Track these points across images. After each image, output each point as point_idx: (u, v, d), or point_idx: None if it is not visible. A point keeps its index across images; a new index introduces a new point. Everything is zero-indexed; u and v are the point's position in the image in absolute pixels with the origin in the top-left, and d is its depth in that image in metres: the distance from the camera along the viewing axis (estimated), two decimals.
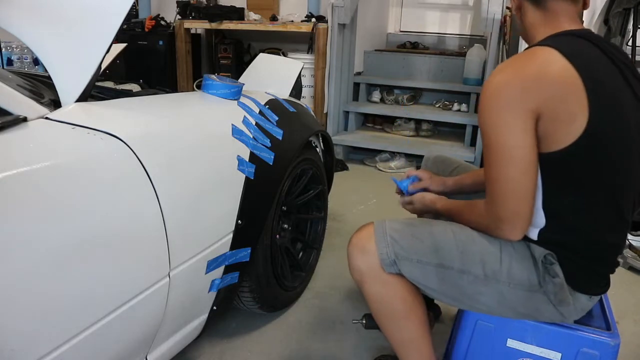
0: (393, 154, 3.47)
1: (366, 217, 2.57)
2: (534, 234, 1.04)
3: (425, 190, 1.36)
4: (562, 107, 0.91)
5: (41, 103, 0.97)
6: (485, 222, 1.04)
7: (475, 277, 1.06)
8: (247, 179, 1.27)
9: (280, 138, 1.44)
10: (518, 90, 0.91)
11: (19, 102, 0.90)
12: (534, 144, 0.93)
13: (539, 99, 0.90)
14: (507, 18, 3.00)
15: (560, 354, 1.10)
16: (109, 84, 1.71)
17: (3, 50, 3.43)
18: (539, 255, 1.03)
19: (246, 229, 1.29)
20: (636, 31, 2.41)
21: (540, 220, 1.02)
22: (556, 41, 0.96)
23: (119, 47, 2.10)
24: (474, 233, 1.08)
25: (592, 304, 1.08)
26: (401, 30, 4.70)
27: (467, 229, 1.10)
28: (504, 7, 2.94)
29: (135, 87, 1.69)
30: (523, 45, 2.70)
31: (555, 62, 0.91)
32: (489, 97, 0.94)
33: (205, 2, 3.94)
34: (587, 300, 1.06)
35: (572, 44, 0.95)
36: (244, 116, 1.35)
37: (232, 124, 1.28)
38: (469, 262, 1.05)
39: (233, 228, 1.25)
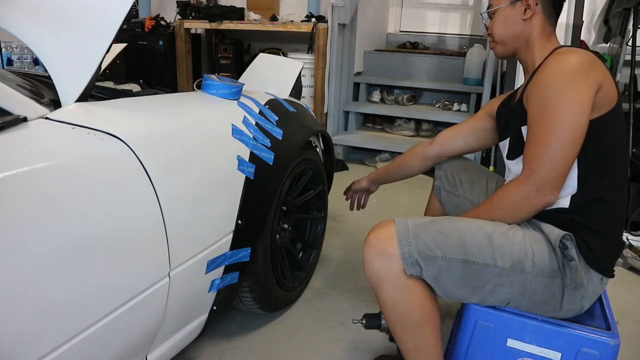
0: (393, 154, 3.47)
1: (366, 217, 2.56)
2: (565, 202, 1.10)
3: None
4: (610, 84, 1.08)
5: (41, 103, 0.97)
6: (525, 190, 1.07)
7: (501, 270, 1.07)
8: (247, 179, 1.27)
9: (280, 138, 1.44)
10: (588, 65, 1.07)
11: (19, 102, 0.90)
12: (590, 115, 1.06)
13: (601, 74, 1.07)
14: None
15: (560, 354, 1.10)
16: (109, 84, 1.71)
17: (3, 50, 3.44)
18: (554, 240, 1.06)
19: (246, 229, 1.29)
20: (636, 31, 2.41)
21: (573, 188, 1.09)
22: (577, 48, 1.14)
23: (119, 47, 2.10)
24: (498, 225, 1.10)
25: (602, 289, 1.12)
26: (401, 30, 4.70)
27: (490, 222, 1.11)
28: None
29: (135, 87, 1.69)
30: None
31: (594, 55, 1.10)
32: (563, 71, 1.07)
33: (205, 2, 3.94)
34: (599, 282, 1.10)
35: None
36: (244, 116, 1.35)
37: (232, 124, 1.28)
38: (496, 255, 1.06)
39: (233, 228, 1.25)
